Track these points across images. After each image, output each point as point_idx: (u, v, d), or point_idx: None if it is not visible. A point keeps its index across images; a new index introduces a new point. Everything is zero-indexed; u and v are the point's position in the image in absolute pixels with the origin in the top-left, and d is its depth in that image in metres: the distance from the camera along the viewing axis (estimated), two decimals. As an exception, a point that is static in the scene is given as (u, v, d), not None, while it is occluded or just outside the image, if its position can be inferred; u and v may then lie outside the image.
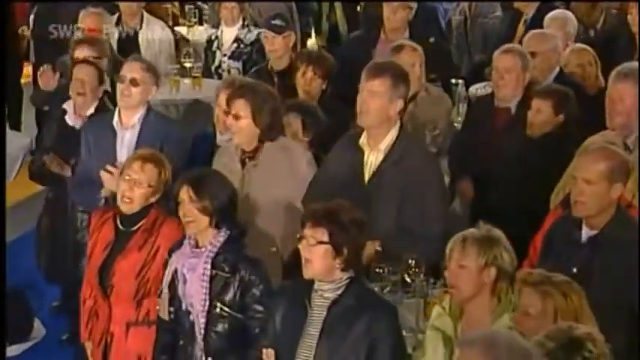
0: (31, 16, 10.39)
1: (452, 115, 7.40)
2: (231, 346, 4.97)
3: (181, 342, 5.07)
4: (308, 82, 7.21)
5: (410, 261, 5.23)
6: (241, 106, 5.79)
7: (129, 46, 9.06)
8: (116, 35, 9.11)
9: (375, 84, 5.60)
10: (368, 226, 4.61)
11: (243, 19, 9.16)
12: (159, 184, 5.38)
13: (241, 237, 5.11)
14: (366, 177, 5.69)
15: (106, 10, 9.34)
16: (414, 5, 8.71)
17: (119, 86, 6.45)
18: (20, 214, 9.07)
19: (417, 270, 5.24)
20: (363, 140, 5.70)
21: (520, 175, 6.20)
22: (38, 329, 7.94)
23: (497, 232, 4.46)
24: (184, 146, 6.40)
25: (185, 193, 4.89)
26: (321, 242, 4.37)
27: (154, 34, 9.12)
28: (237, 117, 5.79)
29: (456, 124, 7.37)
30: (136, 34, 9.22)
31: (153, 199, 5.37)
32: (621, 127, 5.83)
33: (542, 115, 6.41)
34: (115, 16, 9.43)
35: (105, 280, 5.40)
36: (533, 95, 6.56)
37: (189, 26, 10.68)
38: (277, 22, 8.33)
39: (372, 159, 5.69)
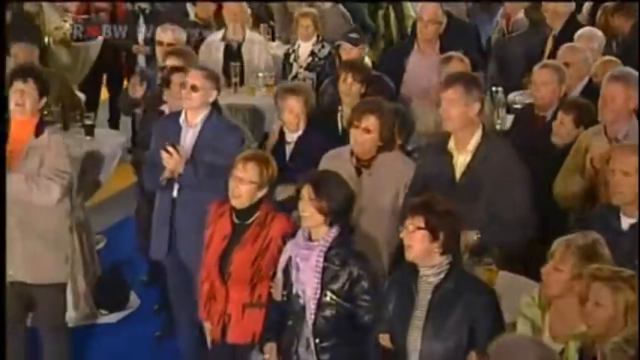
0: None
1: (493, 117, 7.35)
2: (337, 329, 4.85)
3: (290, 322, 4.96)
4: (348, 87, 7.03)
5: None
6: (372, 122, 5.70)
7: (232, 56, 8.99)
8: (222, 48, 8.96)
9: (450, 93, 5.51)
10: (460, 215, 4.49)
11: (317, 36, 8.89)
12: (263, 180, 5.26)
13: (351, 234, 4.97)
14: (457, 176, 5.54)
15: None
16: (444, 20, 8.48)
17: (183, 91, 6.31)
18: (120, 202, 9.06)
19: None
20: (451, 144, 5.62)
21: (543, 176, 6.04)
22: (134, 300, 7.90)
23: (601, 246, 4.38)
24: (235, 147, 6.11)
25: (306, 192, 4.77)
26: (419, 228, 4.33)
27: (254, 47, 9.03)
28: (367, 130, 5.69)
29: (497, 126, 7.33)
30: (240, 45, 9.03)
31: (260, 194, 5.27)
32: (611, 123, 5.93)
33: (564, 127, 6.26)
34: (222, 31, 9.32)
35: (224, 267, 5.31)
36: (559, 107, 6.42)
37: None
38: (353, 35, 8.32)
39: (462, 160, 5.56)
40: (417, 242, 4.33)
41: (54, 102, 7.43)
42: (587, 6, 10.70)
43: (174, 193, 6.28)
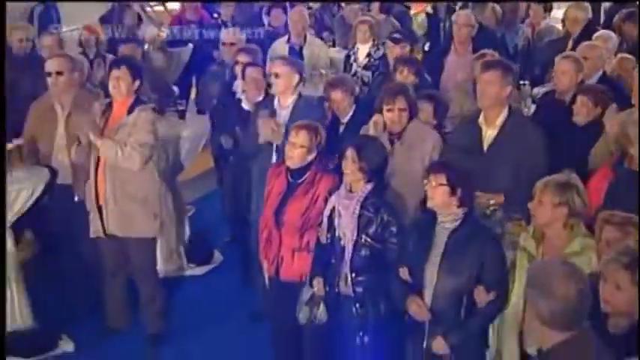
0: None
1: (520, 105, 7.29)
2: (370, 265, 5.01)
3: (333, 260, 5.12)
4: (405, 78, 7.06)
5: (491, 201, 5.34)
6: (403, 102, 5.86)
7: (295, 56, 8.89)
8: (287, 49, 8.94)
9: (488, 75, 5.66)
10: (475, 176, 4.73)
11: (373, 40, 8.91)
12: (312, 145, 5.37)
13: (384, 189, 5.18)
14: (485, 147, 5.65)
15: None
16: (475, 25, 8.55)
17: (270, 79, 6.50)
18: (205, 178, 9.11)
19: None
20: (481, 120, 5.73)
21: (566, 151, 5.99)
22: (217, 257, 8.06)
23: (575, 180, 4.53)
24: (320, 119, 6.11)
25: (349, 154, 4.95)
26: (441, 184, 4.51)
27: (314, 49, 9.11)
28: (401, 110, 5.83)
29: (525, 110, 7.31)
30: (302, 48, 9.08)
31: (310, 158, 5.38)
32: None
33: (584, 107, 6.28)
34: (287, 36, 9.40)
35: (279, 217, 5.43)
36: (578, 92, 6.45)
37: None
38: (396, 35, 8.39)
39: (489, 133, 5.68)
40: (438, 195, 4.53)
41: (152, 92, 7.52)
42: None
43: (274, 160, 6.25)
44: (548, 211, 4.38)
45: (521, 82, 7.84)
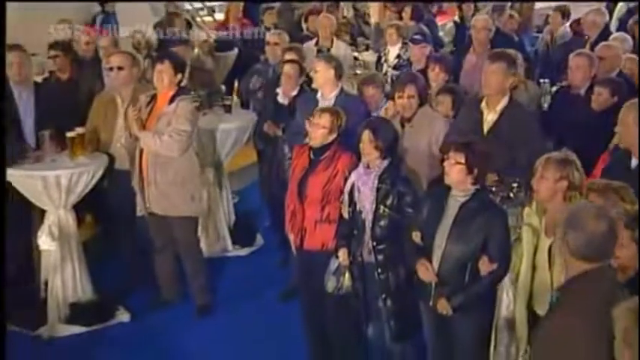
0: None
1: (540, 100, 7.32)
2: (389, 234, 5.09)
3: (355, 232, 5.20)
4: (436, 75, 7.19)
5: (513, 184, 5.21)
6: (413, 90, 5.98)
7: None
8: (315, 51, 8.93)
9: (494, 67, 5.71)
10: (491, 157, 4.75)
11: (402, 42, 8.96)
12: (333, 127, 5.43)
13: (398, 164, 5.29)
14: (485, 130, 5.72)
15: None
16: (493, 28, 8.62)
17: (311, 74, 6.66)
18: (249, 170, 9.07)
19: (517, 190, 5.20)
20: (483, 104, 5.81)
21: (586, 135, 6.08)
22: (259, 239, 8.18)
23: (572, 156, 4.53)
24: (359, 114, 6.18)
25: (366, 135, 5.04)
26: (459, 163, 4.56)
27: (339, 51, 9.02)
28: (410, 97, 5.96)
29: (544, 106, 7.29)
30: (329, 50, 9.06)
31: (331, 138, 5.44)
32: None
33: (602, 97, 6.42)
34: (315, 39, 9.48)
35: (302, 191, 5.49)
36: (596, 84, 6.56)
37: (360, 51, 10.58)
38: (417, 37, 8.47)
39: (490, 117, 5.75)
40: (455, 173, 4.58)
41: (201, 89, 7.70)
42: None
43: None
44: (551, 185, 4.38)
45: (542, 80, 7.83)
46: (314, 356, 5.83)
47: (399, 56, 8.93)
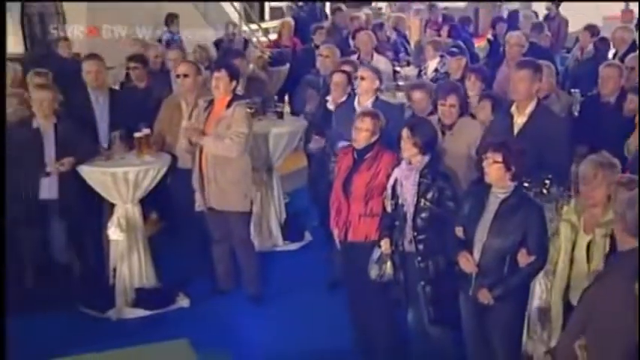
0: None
1: (572, 108, 7.28)
2: (429, 226, 5.07)
3: (397, 223, 5.18)
4: (473, 84, 7.18)
5: (545, 180, 5.18)
6: (454, 99, 5.95)
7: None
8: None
9: (521, 74, 5.68)
10: (526, 155, 4.70)
11: (440, 56, 8.96)
12: (375, 129, 5.43)
13: (438, 160, 5.28)
14: (515, 132, 5.68)
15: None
16: (526, 44, 8.53)
17: (356, 81, 6.66)
18: (301, 174, 9.02)
19: (549, 186, 5.18)
20: (513, 109, 5.77)
21: (615, 139, 6.03)
22: (307, 236, 8.22)
23: (614, 159, 4.54)
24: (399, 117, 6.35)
25: (405, 133, 5.05)
26: (497, 162, 4.55)
27: (380, 64, 8.94)
28: (452, 105, 5.93)
29: (575, 114, 7.24)
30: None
31: (373, 139, 5.44)
32: None
33: (633, 104, 6.37)
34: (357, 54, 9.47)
35: (347, 189, 5.50)
36: (629, 91, 6.57)
37: (402, 66, 10.56)
38: (453, 49, 8.56)
39: (520, 120, 5.70)
40: (494, 171, 4.56)
41: (256, 97, 7.71)
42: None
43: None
44: (604, 189, 4.37)
45: (573, 90, 7.81)
46: (357, 341, 5.83)
47: (436, 70, 8.95)
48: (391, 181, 5.18)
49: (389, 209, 5.23)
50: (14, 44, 11.11)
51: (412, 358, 5.54)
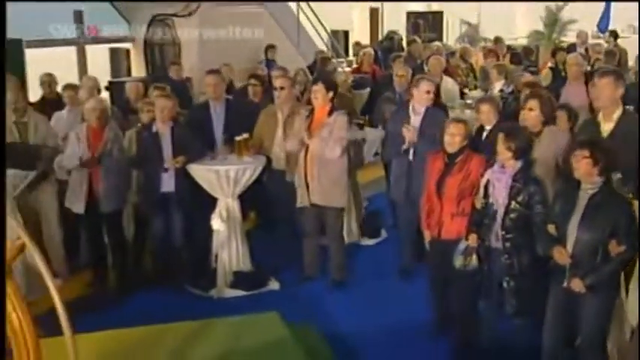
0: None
1: None
2: (517, 226, 4.84)
3: (486, 221, 4.98)
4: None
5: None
6: (534, 104, 5.63)
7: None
8: None
9: (604, 81, 5.42)
10: (613, 152, 4.49)
11: (505, 79, 8.85)
12: (465, 135, 5.34)
13: (531, 166, 5.01)
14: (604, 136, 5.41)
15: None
16: (584, 64, 8.48)
17: (421, 94, 6.56)
18: (379, 182, 9.03)
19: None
20: (599, 117, 5.50)
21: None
22: (383, 233, 8.14)
23: None
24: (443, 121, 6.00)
25: (500, 137, 4.86)
26: (585, 157, 4.36)
27: (447, 85, 8.97)
28: (530, 109, 5.63)
29: None
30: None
31: (464, 143, 5.34)
32: None
33: None
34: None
35: (440, 190, 5.38)
36: None
37: (470, 89, 10.41)
38: (520, 73, 8.39)
39: (607, 126, 5.40)
40: (583, 167, 4.35)
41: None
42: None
43: (410, 157, 6.44)
44: None
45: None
46: (436, 322, 5.75)
47: (501, 90, 8.79)
48: (483, 182, 4.99)
49: (478, 206, 5.04)
50: (138, 68, 11.54)
51: (482, 339, 5.34)
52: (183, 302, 6.32)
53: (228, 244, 6.67)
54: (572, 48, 13.53)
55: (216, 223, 6.58)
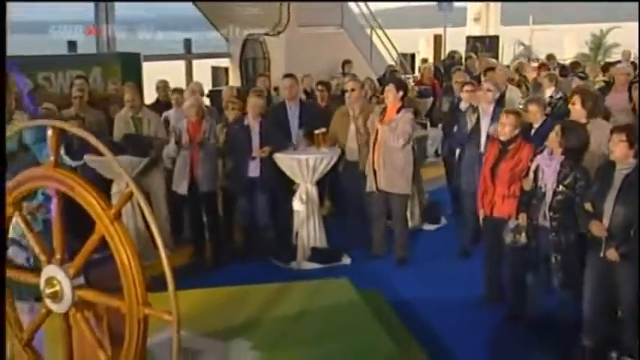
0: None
1: None
2: (563, 206, 4.67)
3: (534, 202, 4.83)
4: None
5: None
6: (577, 98, 5.37)
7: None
8: None
9: None
10: None
11: (555, 86, 8.41)
12: (516, 124, 5.25)
13: (577, 154, 4.73)
14: None
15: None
16: (632, 73, 8.03)
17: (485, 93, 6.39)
18: (439, 179, 8.75)
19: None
20: None
21: None
22: (443, 220, 7.94)
23: None
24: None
25: (557, 129, 4.72)
26: (622, 140, 4.22)
27: (511, 93, 8.61)
28: (574, 103, 5.37)
29: None
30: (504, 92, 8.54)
31: (516, 132, 5.25)
32: None
33: None
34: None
35: (494, 174, 5.28)
36: None
37: (523, 97, 9.86)
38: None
39: None
40: (619, 149, 4.22)
41: None
42: None
43: (482, 149, 6.17)
44: None
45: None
46: (488, 291, 5.59)
47: (551, 96, 8.42)
48: (533, 166, 4.84)
49: (527, 189, 4.88)
50: (234, 81, 11.73)
51: (530, 310, 5.19)
52: (267, 272, 6.33)
53: (306, 223, 6.66)
54: (618, 64, 12.99)
55: (297, 204, 6.59)
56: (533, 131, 6.23)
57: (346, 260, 6.66)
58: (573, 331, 4.65)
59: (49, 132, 2.97)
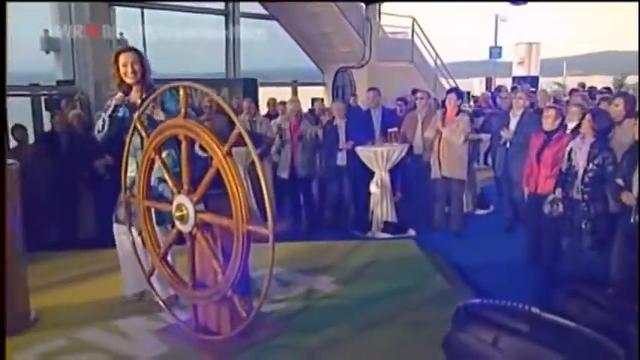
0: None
1: None
2: (593, 182, 4.35)
3: (569, 179, 4.49)
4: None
5: None
6: (620, 101, 4.81)
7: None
8: None
9: None
10: None
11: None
12: (556, 116, 4.93)
13: (604, 134, 4.40)
14: None
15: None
16: None
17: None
18: (490, 178, 8.12)
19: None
20: None
21: None
22: (491, 207, 7.43)
23: None
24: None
25: (587, 118, 4.40)
26: None
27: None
28: (616, 105, 4.80)
29: None
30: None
31: (557, 124, 4.89)
32: None
33: None
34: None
35: (539, 159, 4.96)
36: None
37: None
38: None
39: None
40: None
41: None
42: None
43: (508, 145, 5.93)
44: None
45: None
46: (529, 256, 5.20)
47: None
48: (567, 149, 4.55)
49: (563, 169, 4.57)
50: (328, 99, 11.66)
51: (565, 269, 4.69)
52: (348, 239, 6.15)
53: (380, 203, 6.42)
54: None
55: (373, 188, 6.39)
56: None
57: (412, 232, 6.36)
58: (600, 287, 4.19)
59: (181, 91, 2.98)
